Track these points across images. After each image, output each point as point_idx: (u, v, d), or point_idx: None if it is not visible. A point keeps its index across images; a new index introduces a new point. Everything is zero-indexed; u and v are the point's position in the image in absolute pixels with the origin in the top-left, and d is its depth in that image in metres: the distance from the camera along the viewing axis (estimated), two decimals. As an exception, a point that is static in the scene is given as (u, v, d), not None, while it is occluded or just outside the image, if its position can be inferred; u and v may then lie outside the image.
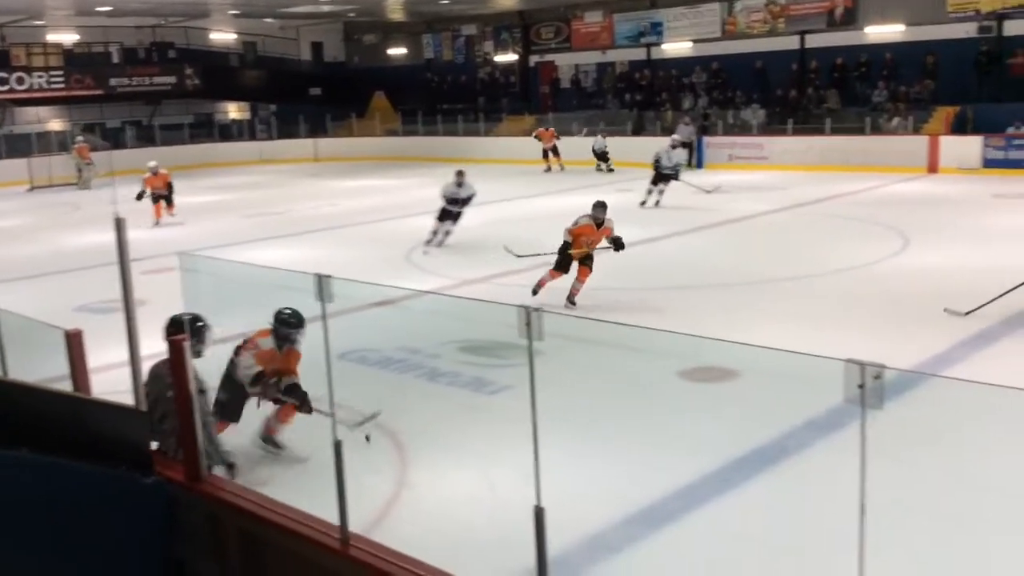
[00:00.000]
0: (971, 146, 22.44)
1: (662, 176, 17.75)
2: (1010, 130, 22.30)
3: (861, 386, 2.98)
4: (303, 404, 6.13)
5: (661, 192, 17.78)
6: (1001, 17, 24.04)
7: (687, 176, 18.45)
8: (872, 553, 4.57)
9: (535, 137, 26.77)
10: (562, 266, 10.33)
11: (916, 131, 23.80)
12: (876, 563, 4.52)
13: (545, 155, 26.39)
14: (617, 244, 10.48)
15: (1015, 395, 6.91)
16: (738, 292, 11.02)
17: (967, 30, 24.52)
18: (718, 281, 11.61)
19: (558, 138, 26.43)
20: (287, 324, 6.17)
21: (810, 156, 24.23)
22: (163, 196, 17.83)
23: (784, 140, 25.26)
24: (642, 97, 30.53)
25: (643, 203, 17.73)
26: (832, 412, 5.85)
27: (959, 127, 23.44)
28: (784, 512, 5.21)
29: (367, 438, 5.83)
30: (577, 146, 26.68)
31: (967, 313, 7.62)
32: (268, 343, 6.19)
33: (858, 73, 26.43)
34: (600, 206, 10.46)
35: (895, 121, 24.47)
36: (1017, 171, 21.34)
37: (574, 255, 10.25)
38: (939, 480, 5.65)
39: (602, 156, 25.22)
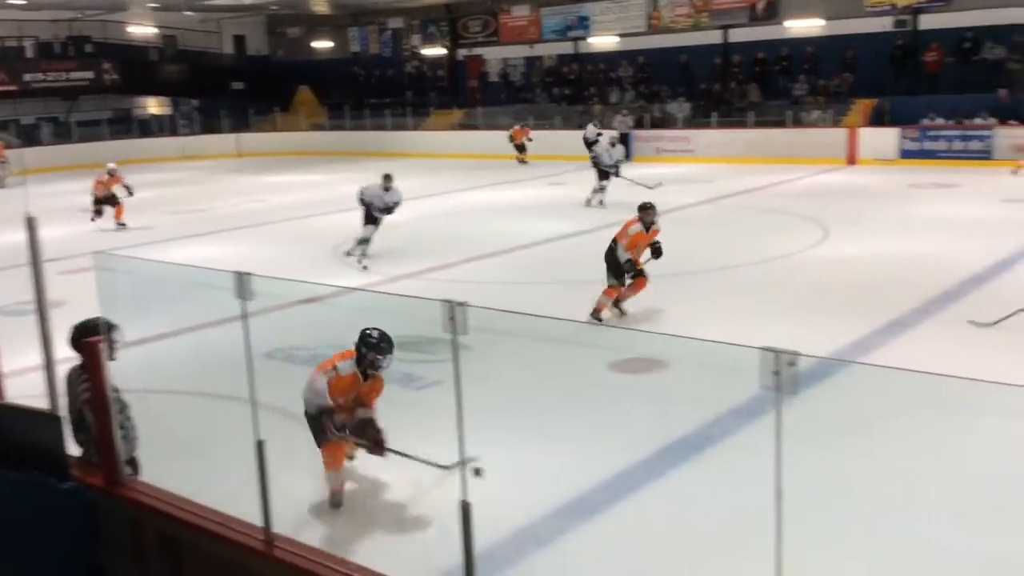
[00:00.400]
0: (888, 138, 23.11)
1: (603, 174, 17.67)
2: (924, 121, 23.01)
3: (776, 373, 3.05)
4: (376, 445, 5.32)
5: (602, 189, 17.68)
6: (916, 11, 24.74)
7: (627, 172, 18.46)
8: (794, 536, 4.67)
9: (509, 138, 26.58)
10: (637, 275, 9.52)
11: (836, 124, 24.40)
12: (797, 545, 4.63)
13: (520, 149, 26.41)
14: (657, 252, 9.76)
15: (928, 379, 7.16)
16: (666, 283, 11.12)
17: (884, 24, 25.17)
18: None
19: (530, 138, 26.38)
20: (375, 348, 5.26)
21: (734, 149, 24.66)
22: (108, 199, 16.93)
23: (709, 133, 25.66)
24: (570, 91, 30.69)
25: (588, 201, 17.57)
26: (755, 399, 5.96)
27: (877, 119, 24.08)
28: (709, 499, 5.29)
29: (477, 471, 5.53)
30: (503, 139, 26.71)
31: (994, 323, 7.86)
32: (348, 368, 5.31)
33: (779, 67, 26.96)
34: (651, 208, 9.67)
35: (815, 114, 25.04)
36: (931, 161, 22.04)
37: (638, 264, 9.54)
38: (859, 463, 5.80)
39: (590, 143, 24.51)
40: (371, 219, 13.03)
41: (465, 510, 3.51)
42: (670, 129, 26.62)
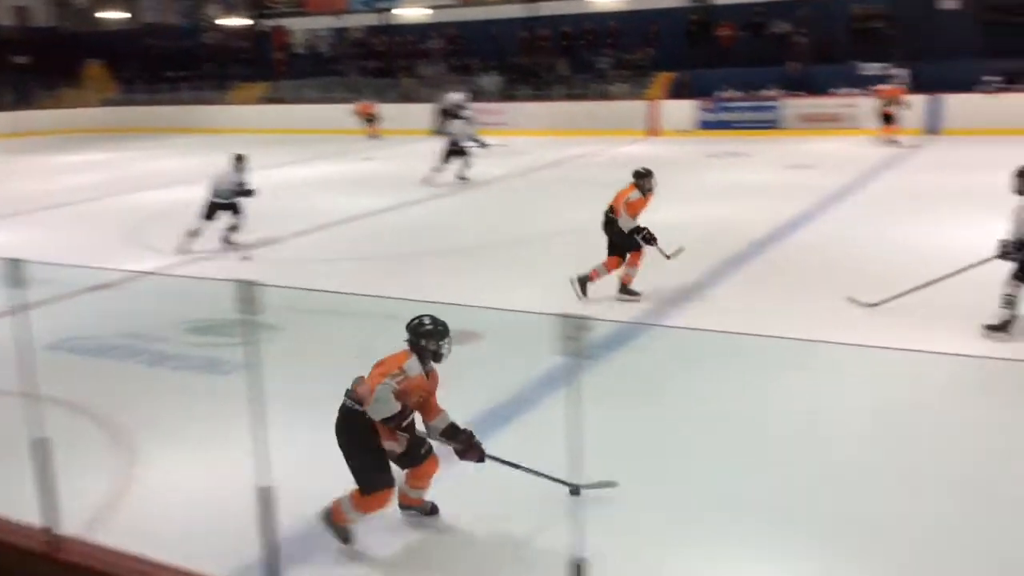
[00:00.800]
0: (686, 110, 24.17)
1: (459, 151, 17.19)
2: (718, 93, 24.20)
3: (571, 338, 3.11)
4: (471, 448, 4.64)
5: (467, 165, 16.97)
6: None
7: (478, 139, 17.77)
8: (600, 496, 4.80)
9: (354, 112, 25.97)
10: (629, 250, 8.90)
11: (638, 96, 25.25)
12: (603, 505, 4.78)
13: (369, 121, 25.88)
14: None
15: (724, 338, 7.54)
16: (480, 255, 11.23)
17: (681, 0, 26.25)
18: (461, 245, 11.77)
19: (375, 112, 25.87)
20: (435, 335, 4.60)
21: (545, 121, 25.11)
22: None
23: (521, 106, 26.00)
24: (380, 64, 30.28)
25: (462, 175, 17.05)
26: (563, 366, 6.08)
27: (676, 92, 25.10)
28: (529, 459, 5.35)
29: (576, 491, 4.72)
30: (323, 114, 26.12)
31: (873, 305, 8.05)
32: (416, 368, 4.54)
33: (585, 41, 27.62)
34: (648, 175, 9.15)
35: (620, 87, 25.83)
36: (727, 132, 23.24)
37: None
38: (659, 421, 6.04)
39: (452, 115, 22.28)
40: (218, 209, 11.59)
41: (265, 496, 3.39)
42: (483, 102, 26.77)
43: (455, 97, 23.51)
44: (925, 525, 4.64)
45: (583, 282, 8.84)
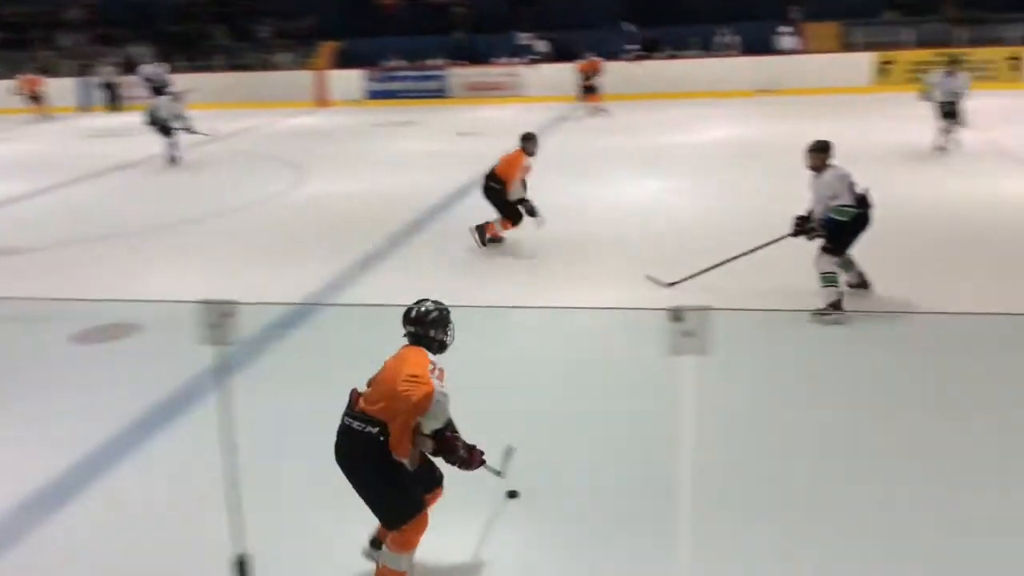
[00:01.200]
0: (354, 80, 24.03)
1: (165, 130, 15.34)
2: (384, 63, 24.28)
3: (214, 326, 2.89)
4: (474, 452, 3.96)
5: (175, 147, 15.30)
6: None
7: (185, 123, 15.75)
8: (263, 480, 4.59)
9: (15, 89, 23.10)
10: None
11: (304, 66, 24.69)
12: (267, 490, 4.61)
13: (35, 99, 23.20)
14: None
15: (388, 310, 7.50)
16: (141, 240, 10.42)
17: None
18: (118, 231, 10.85)
19: (45, 92, 23.33)
20: (439, 323, 3.88)
21: (206, 94, 23.73)
22: None
23: (177, 77, 24.44)
24: (9, 35, 27.23)
25: (173, 159, 15.18)
26: (238, 353, 5.77)
27: (343, 62, 24.83)
28: (192, 460, 5.02)
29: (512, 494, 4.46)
30: None
31: (670, 284, 7.49)
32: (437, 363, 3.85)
33: (243, 8, 26.53)
34: (534, 137, 9.12)
35: (283, 57, 25.13)
36: (395, 101, 23.40)
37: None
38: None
39: (158, 91, 19.80)
40: None
41: None
42: (134, 74, 24.92)
43: (150, 69, 21.83)
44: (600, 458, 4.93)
45: (481, 231, 9.14)
